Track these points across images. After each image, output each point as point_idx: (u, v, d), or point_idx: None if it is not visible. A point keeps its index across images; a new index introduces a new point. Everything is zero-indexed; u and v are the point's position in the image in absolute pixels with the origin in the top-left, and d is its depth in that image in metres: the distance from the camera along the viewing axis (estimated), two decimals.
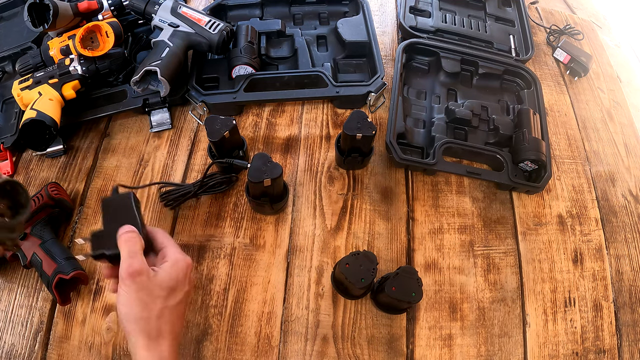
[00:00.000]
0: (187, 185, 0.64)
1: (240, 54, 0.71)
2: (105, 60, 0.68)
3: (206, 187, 0.63)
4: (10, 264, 0.61)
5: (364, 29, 0.78)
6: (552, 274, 0.64)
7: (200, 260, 0.61)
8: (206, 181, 0.63)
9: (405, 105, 0.74)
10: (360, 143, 0.61)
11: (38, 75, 0.66)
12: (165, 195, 0.63)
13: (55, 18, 0.63)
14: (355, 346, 0.56)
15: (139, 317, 0.40)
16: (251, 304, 0.58)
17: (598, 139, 0.79)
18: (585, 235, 0.68)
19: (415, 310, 0.59)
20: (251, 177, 0.54)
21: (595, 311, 0.62)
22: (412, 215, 0.66)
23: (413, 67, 0.79)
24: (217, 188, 0.64)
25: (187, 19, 0.69)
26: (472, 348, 0.57)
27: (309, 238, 0.63)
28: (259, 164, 0.55)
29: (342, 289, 0.58)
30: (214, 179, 0.63)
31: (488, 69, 0.77)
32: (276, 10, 0.84)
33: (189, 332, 0.56)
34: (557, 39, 0.90)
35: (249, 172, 0.55)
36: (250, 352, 0.56)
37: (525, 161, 0.66)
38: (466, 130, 0.72)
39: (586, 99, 0.84)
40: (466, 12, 0.87)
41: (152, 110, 0.71)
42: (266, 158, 0.55)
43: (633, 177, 0.76)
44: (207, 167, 0.63)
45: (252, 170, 0.55)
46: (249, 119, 0.73)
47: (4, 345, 0.56)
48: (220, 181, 0.63)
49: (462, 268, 0.62)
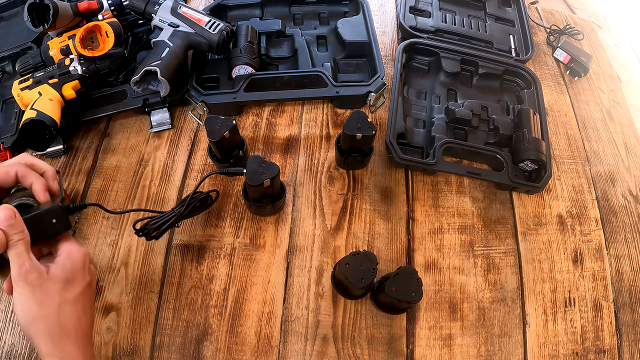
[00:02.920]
0: (167, 212, 0.56)
1: (240, 54, 0.71)
2: (105, 60, 0.68)
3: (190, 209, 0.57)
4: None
5: (364, 29, 0.78)
6: (552, 274, 0.64)
7: (200, 260, 0.61)
8: (191, 202, 0.57)
9: (405, 105, 0.74)
10: (360, 143, 0.61)
11: (38, 75, 0.66)
12: (144, 227, 0.55)
13: (55, 18, 0.63)
14: (355, 346, 0.56)
15: (37, 317, 0.38)
16: (251, 304, 0.58)
17: (598, 139, 0.79)
18: (585, 235, 0.68)
19: (415, 310, 0.59)
20: (250, 181, 0.54)
21: (595, 311, 0.62)
22: (412, 215, 0.66)
23: (413, 67, 0.79)
24: (200, 209, 0.60)
25: (187, 19, 0.69)
26: (472, 348, 0.57)
27: (309, 238, 0.63)
28: (255, 166, 0.54)
29: (342, 289, 0.58)
30: (194, 199, 0.58)
31: (488, 69, 0.77)
32: (276, 10, 0.84)
33: (189, 332, 0.57)
34: (557, 39, 0.90)
35: (247, 177, 0.54)
36: (250, 352, 0.56)
37: (525, 161, 0.66)
38: (466, 130, 0.72)
39: (586, 99, 0.84)
40: (466, 12, 0.87)
41: (152, 110, 0.71)
42: (260, 159, 0.55)
43: (633, 177, 0.76)
44: (200, 181, 0.59)
45: (249, 174, 0.54)
46: (249, 119, 0.73)
47: (4, 345, 0.56)
48: (202, 200, 0.59)
49: (462, 268, 0.62)
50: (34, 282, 0.38)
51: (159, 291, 0.59)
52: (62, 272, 0.41)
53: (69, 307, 0.40)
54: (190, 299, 0.58)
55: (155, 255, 0.61)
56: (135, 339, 0.56)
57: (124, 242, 0.62)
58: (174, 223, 0.56)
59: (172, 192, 0.66)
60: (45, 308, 0.38)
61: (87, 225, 0.64)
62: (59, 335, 0.39)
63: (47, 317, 0.38)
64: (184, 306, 0.58)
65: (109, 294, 0.59)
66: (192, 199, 0.57)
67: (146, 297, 0.59)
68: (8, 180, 0.44)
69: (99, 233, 0.63)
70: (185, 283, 0.59)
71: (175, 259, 0.61)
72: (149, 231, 0.55)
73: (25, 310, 0.38)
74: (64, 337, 0.39)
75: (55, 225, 0.43)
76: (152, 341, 0.56)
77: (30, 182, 0.44)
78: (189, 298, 0.59)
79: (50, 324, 0.38)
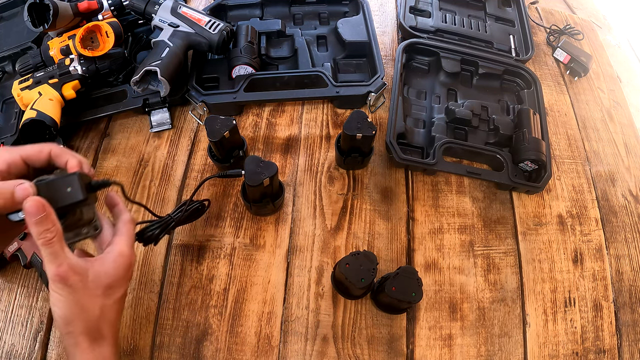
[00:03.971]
0: (165, 217, 0.55)
1: (240, 54, 0.71)
2: (105, 60, 0.68)
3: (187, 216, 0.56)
4: (10, 264, 0.61)
5: (364, 29, 0.78)
6: (552, 274, 0.64)
7: (200, 260, 0.61)
8: (189, 208, 0.56)
9: (405, 105, 0.74)
10: (360, 143, 0.61)
11: (38, 75, 0.66)
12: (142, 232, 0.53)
13: (55, 18, 0.63)
14: (356, 346, 0.56)
15: (78, 319, 0.37)
16: (251, 304, 0.58)
17: (598, 139, 0.79)
18: (585, 235, 0.68)
19: (415, 310, 0.59)
20: (250, 182, 0.54)
21: (595, 311, 0.62)
22: (412, 215, 0.66)
23: (413, 67, 0.79)
24: (194, 216, 0.59)
25: (187, 19, 0.69)
26: (472, 348, 0.57)
27: (309, 238, 0.63)
28: (253, 167, 0.54)
29: (342, 289, 0.58)
30: (191, 206, 0.57)
31: (488, 69, 0.77)
32: (276, 10, 0.84)
33: (189, 332, 0.57)
34: (557, 38, 0.90)
35: (246, 178, 0.54)
36: (250, 352, 0.56)
37: (525, 161, 0.66)
38: (466, 130, 0.72)
39: (586, 99, 0.84)
40: (466, 12, 0.87)
41: (152, 110, 0.71)
42: (258, 160, 0.55)
43: (633, 177, 0.76)
44: (197, 186, 0.59)
45: (248, 175, 0.54)
46: (249, 119, 0.73)
47: (4, 345, 0.56)
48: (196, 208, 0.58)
49: (462, 268, 0.62)
50: (74, 285, 0.37)
51: (159, 291, 0.59)
52: (106, 277, 0.39)
53: (108, 310, 0.39)
54: (190, 299, 0.58)
55: (155, 255, 0.61)
56: (135, 338, 0.56)
57: None
58: (172, 229, 0.55)
59: (172, 192, 0.66)
60: (86, 312, 0.37)
61: None
62: (95, 337, 0.38)
63: (88, 320, 0.38)
64: (184, 306, 0.58)
65: None
66: (190, 205, 0.56)
67: (146, 297, 0.59)
68: (40, 158, 0.41)
69: None
70: (185, 283, 0.59)
71: (175, 259, 0.61)
72: (149, 237, 0.53)
73: (63, 311, 0.37)
74: (100, 339, 0.38)
75: (71, 195, 0.39)
76: (152, 341, 0.56)
77: (66, 159, 0.41)
78: (189, 298, 0.59)
79: (91, 327, 0.38)
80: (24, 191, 0.35)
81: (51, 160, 0.41)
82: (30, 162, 0.41)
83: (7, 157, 0.39)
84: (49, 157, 0.41)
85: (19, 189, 0.35)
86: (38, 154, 0.41)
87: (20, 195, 0.35)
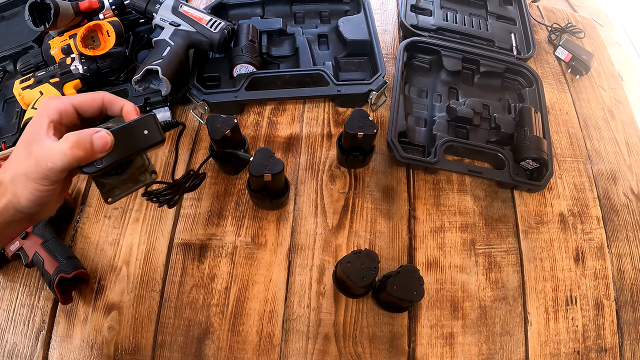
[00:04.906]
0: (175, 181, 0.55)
1: (242, 53, 0.71)
2: (106, 59, 0.68)
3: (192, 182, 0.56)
4: (12, 263, 0.61)
5: (365, 27, 0.78)
6: (554, 273, 0.64)
7: (202, 259, 0.61)
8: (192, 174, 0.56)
9: (407, 104, 0.73)
10: (361, 142, 0.61)
11: (39, 75, 0.66)
12: (155, 195, 0.53)
13: (56, 17, 0.63)
14: (357, 345, 0.56)
15: None
16: (253, 303, 0.58)
17: (599, 138, 0.79)
18: (587, 233, 0.68)
19: (417, 309, 0.59)
20: (252, 171, 0.54)
21: (597, 310, 0.62)
22: (413, 213, 0.66)
23: (414, 65, 0.79)
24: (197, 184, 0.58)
25: (188, 18, 0.69)
26: (473, 347, 0.58)
27: (310, 236, 0.63)
28: (262, 158, 0.55)
29: (343, 288, 0.58)
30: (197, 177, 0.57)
31: (489, 67, 0.77)
32: (277, 9, 0.84)
33: (190, 330, 0.57)
34: (558, 37, 0.90)
35: (250, 166, 0.55)
36: (251, 351, 0.56)
37: (526, 160, 0.66)
38: (467, 129, 0.71)
39: (588, 97, 0.84)
40: (467, 11, 0.87)
41: (153, 109, 0.71)
42: (269, 153, 0.55)
43: (635, 176, 0.76)
44: (206, 158, 0.60)
45: (253, 164, 0.55)
46: (250, 118, 0.73)
47: (6, 344, 0.56)
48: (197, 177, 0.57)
49: (464, 266, 0.62)
50: None
51: (161, 290, 0.59)
52: None
53: None
54: (191, 297, 0.59)
55: (157, 254, 0.61)
56: (137, 337, 0.56)
57: (126, 241, 0.62)
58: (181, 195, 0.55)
59: None
60: None
61: (89, 224, 0.64)
62: None
63: None
64: (185, 305, 0.58)
65: (110, 293, 0.59)
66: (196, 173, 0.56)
67: (148, 295, 0.59)
68: (93, 107, 0.40)
69: (100, 232, 0.63)
70: (187, 282, 0.59)
71: (177, 257, 0.61)
72: (163, 200, 0.52)
73: None
74: None
75: (148, 137, 0.38)
76: (154, 340, 0.56)
77: (121, 105, 0.40)
78: (191, 297, 0.59)
79: None
80: (102, 139, 0.35)
81: (103, 107, 0.40)
82: (81, 111, 0.40)
83: (59, 106, 0.38)
84: (101, 105, 0.40)
85: (96, 137, 0.35)
86: (91, 102, 0.40)
87: (99, 144, 0.35)
